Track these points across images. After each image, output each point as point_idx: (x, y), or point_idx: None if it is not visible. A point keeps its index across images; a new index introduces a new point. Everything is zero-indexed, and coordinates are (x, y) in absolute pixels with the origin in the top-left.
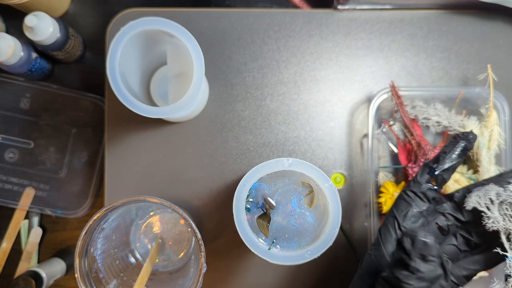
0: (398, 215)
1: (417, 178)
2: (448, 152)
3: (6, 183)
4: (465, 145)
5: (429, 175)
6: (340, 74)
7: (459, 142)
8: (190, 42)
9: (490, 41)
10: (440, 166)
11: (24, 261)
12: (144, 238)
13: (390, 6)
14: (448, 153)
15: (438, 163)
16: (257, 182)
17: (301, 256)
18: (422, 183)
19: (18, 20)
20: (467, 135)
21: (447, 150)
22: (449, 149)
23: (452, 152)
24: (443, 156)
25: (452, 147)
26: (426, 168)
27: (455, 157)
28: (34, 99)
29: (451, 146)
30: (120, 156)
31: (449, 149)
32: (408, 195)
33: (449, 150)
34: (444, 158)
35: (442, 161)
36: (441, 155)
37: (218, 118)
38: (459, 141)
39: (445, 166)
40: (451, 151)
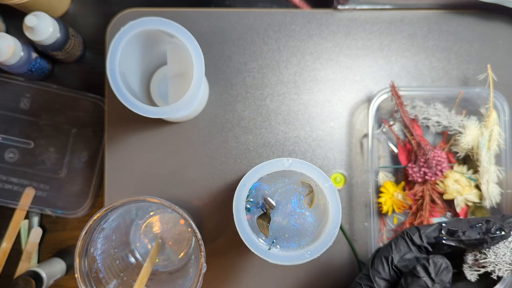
0: (396, 254)
1: (422, 234)
2: (468, 236)
3: (6, 183)
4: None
5: (435, 240)
6: (340, 74)
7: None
8: (190, 42)
9: (490, 41)
10: (449, 242)
11: (24, 261)
12: (144, 238)
13: (390, 6)
14: (467, 236)
15: (450, 237)
16: (257, 182)
17: (301, 256)
18: (424, 242)
19: (18, 20)
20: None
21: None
22: (471, 234)
23: (470, 240)
24: (459, 235)
25: (475, 234)
26: (437, 231)
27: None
28: (34, 99)
29: (475, 232)
30: (120, 156)
31: (471, 234)
32: (410, 239)
33: (470, 236)
34: (459, 237)
35: (454, 239)
36: (458, 232)
37: (218, 118)
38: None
39: (454, 244)
40: (471, 237)
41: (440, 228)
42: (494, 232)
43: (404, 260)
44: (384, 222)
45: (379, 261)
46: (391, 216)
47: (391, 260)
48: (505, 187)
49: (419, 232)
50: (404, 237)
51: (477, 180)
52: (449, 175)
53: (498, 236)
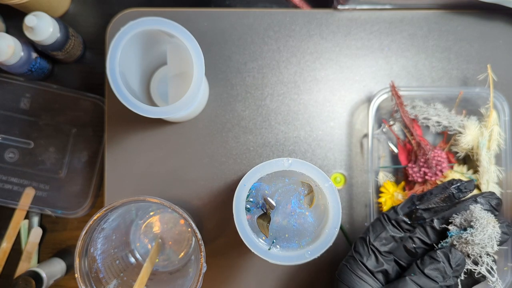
0: (372, 234)
1: (397, 208)
2: (435, 194)
3: (6, 183)
4: (453, 193)
5: (409, 209)
6: (340, 74)
7: (448, 188)
8: (190, 42)
9: (490, 41)
10: (422, 205)
11: (24, 261)
12: (144, 238)
13: (390, 6)
14: (435, 195)
15: (421, 201)
16: (257, 182)
17: (301, 256)
18: (400, 214)
19: (18, 20)
20: (460, 184)
21: (434, 192)
22: (437, 191)
23: (439, 196)
24: (428, 197)
25: (441, 191)
26: (409, 202)
27: (439, 201)
28: (34, 99)
29: (440, 189)
30: (120, 156)
31: (437, 192)
32: (384, 219)
33: (436, 193)
34: (429, 198)
35: (426, 201)
36: (427, 194)
37: (218, 118)
38: (449, 187)
39: (428, 206)
40: (438, 194)
41: (411, 198)
42: (456, 183)
43: (381, 239)
44: None
45: (358, 243)
46: None
47: (368, 240)
48: (505, 187)
49: (394, 209)
50: (379, 218)
51: (477, 180)
52: (449, 175)
53: (461, 185)
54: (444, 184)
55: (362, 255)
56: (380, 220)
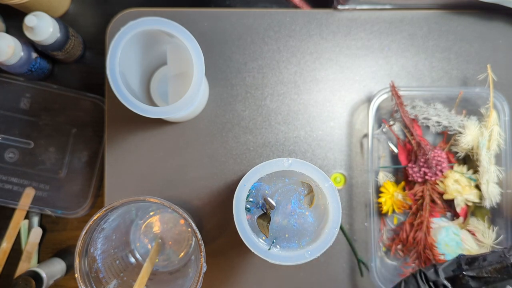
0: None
1: (439, 269)
2: (489, 262)
3: (6, 183)
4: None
5: (454, 273)
6: (340, 74)
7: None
8: (190, 42)
9: (490, 41)
10: (472, 272)
11: (24, 261)
12: (144, 238)
13: (390, 6)
14: (489, 263)
15: (471, 267)
16: (257, 182)
17: (301, 256)
18: (441, 277)
19: (18, 20)
20: None
21: (489, 258)
22: (492, 258)
23: (493, 265)
24: (480, 263)
25: (497, 259)
26: (455, 264)
27: (493, 271)
28: (34, 99)
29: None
30: (120, 156)
31: (492, 259)
32: (421, 278)
33: (491, 261)
34: (481, 265)
35: (477, 268)
36: (479, 260)
37: (218, 118)
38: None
39: (477, 274)
40: (493, 263)
41: (458, 260)
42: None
43: None
44: (384, 222)
45: None
46: (391, 216)
47: None
48: (505, 187)
49: (434, 268)
50: (416, 275)
51: (477, 180)
52: (449, 175)
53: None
54: (502, 252)
55: None
56: (416, 278)
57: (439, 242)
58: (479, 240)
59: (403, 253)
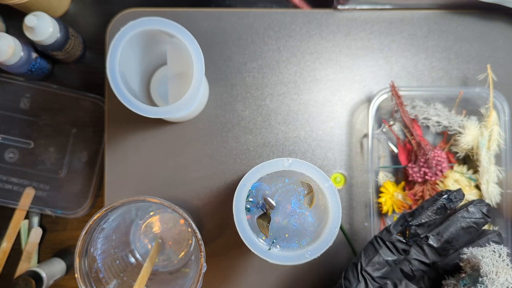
0: (364, 259)
1: (390, 228)
2: (426, 208)
3: (6, 183)
4: (444, 204)
5: (402, 227)
6: (340, 74)
7: (439, 200)
8: (190, 42)
9: (490, 41)
10: (415, 221)
11: (24, 261)
12: (144, 238)
13: (390, 6)
14: (426, 208)
15: (413, 217)
16: (258, 182)
17: (301, 256)
18: (393, 234)
19: (18, 20)
20: (450, 194)
21: (425, 205)
22: (428, 204)
23: (430, 209)
24: (419, 211)
25: (431, 203)
26: (401, 220)
27: (432, 214)
28: (34, 99)
29: (431, 202)
30: (120, 156)
31: (428, 205)
32: (377, 242)
33: (427, 206)
34: (420, 213)
35: (418, 216)
36: (418, 209)
37: (218, 118)
38: (439, 199)
39: (420, 221)
40: (429, 207)
41: (403, 215)
42: (445, 194)
43: (374, 263)
44: (384, 222)
45: (349, 269)
46: (391, 216)
47: (360, 266)
48: (505, 187)
49: (386, 229)
50: (372, 241)
51: (477, 180)
52: (449, 175)
53: (450, 194)
54: (433, 197)
55: (352, 283)
56: (373, 243)
57: None
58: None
59: None
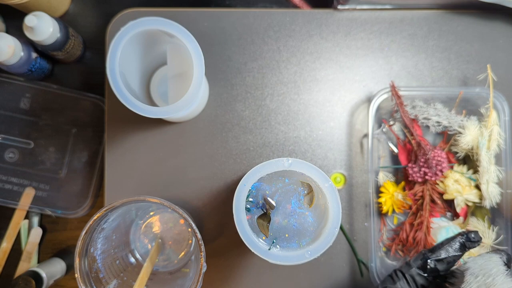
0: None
1: (410, 262)
2: (446, 244)
3: (6, 183)
4: (463, 243)
5: (422, 261)
6: (340, 74)
7: (459, 238)
8: (190, 42)
9: (490, 41)
10: (434, 256)
11: (24, 261)
12: (144, 238)
13: (390, 6)
14: (446, 245)
15: (433, 252)
16: (258, 182)
17: (301, 256)
18: (413, 267)
19: (18, 20)
20: (469, 234)
21: (445, 242)
22: (448, 241)
23: (450, 245)
24: (439, 247)
25: (452, 240)
26: (421, 254)
27: (452, 251)
28: (34, 99)
29: (450, 239)
30: (120, 156)
31: (447, 242)
32: (396, 274)
33: (447, 243)
34: (440, 249)
35: (438, 251)
36: (438, 246)
37: (218, 118)
38: (460, 238)
39: (440, 256)
40: (450, 244)
41: (423, 251)
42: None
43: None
44: (384, 222)
45: None
46: (391, 216)
47: None
48: (505, 187)
49: (406, 263)
50: (391, 274)
51: (477, 180)
52: (449, 175)
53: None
54: (453, 235)
55: None
56: (391, 276)
57: None
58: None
59: (403, 253)
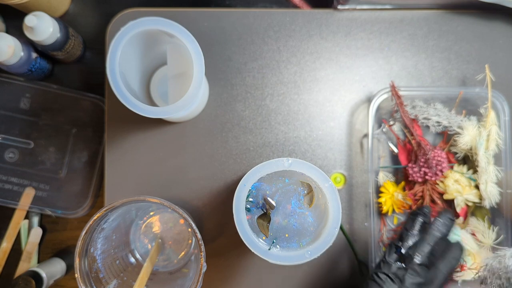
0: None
1: (386, 259)
2: (409, 229)
3: (6, 183)
4: (423, 221)
5: (396, 254)
6: (340, 74)
7: (417, 219)
8: (190, 42)
9: (490, 41)
10: (405, 244)
11: (24, 261)
12: (144, 238)
13: (390, 6)
14: (410, 230)
15: (402, 241)
16: (258, 182)
17: (301, 256)
18: (392, 263)
19: (18, 20)
20: (421, 209)
21: (408, 227)
22: (409, 226)
23: (413, 229)
24: (405, 234)
25: (412, 224)
26: (393, 248)
27: (417, 233)
28: (34, 99)
29: (411, 223)
30: (120, 156)
31: (410, 226)
32: (379, 277)
33: (410, 227)
34: (407, 235)
35: (406, 239)
36: (403, 233)
37: (218, 118)
38: (417, 218)
39: (410, 243)
40: (412, 227)
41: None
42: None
43: None
44: (384, 222)
45: None
46: (391, 216)
47: None
48: (505, 187)
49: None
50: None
51: (477, 180)
52: (449, 175)
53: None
54: (410, 217)
55: None
56: (375, 280)
57: None
58: (479, 240)
59: None
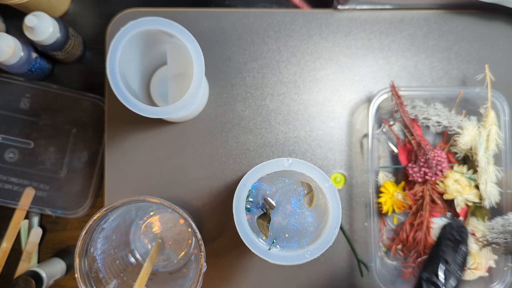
0: None
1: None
2: (452, 263)
3: (6, 183)
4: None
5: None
6: (340, 74)
7: (460, 248)
8: (190, 42)
9: (490, 41)
10: (449, 284)
11: (24, 261)
12: (144, 238)
13: (390, 6)
14: (452, 264)
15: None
16: (258, 182)
17: (301, 256)
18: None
19: (18, 20)
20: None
21: (448, 259)
22: (451, 257)
23: (456, 263)
24: (445, 267)
25: (454, 256)
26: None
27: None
28: (34, 99)
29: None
30: (120, 156)
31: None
32: None
33: (452, 260)
34: (449, 273)
35: (448, 276)
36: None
37: (218, 118)
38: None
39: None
40: (454, 261)
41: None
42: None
43: None
44: (384, 222)
45: None
46: (391, 216)
47: None
48: (505, 187)
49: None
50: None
51: (476, 180)
52: (449, 175)
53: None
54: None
55: None
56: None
57: None
58: (479, 240)
59: (403, 253)
